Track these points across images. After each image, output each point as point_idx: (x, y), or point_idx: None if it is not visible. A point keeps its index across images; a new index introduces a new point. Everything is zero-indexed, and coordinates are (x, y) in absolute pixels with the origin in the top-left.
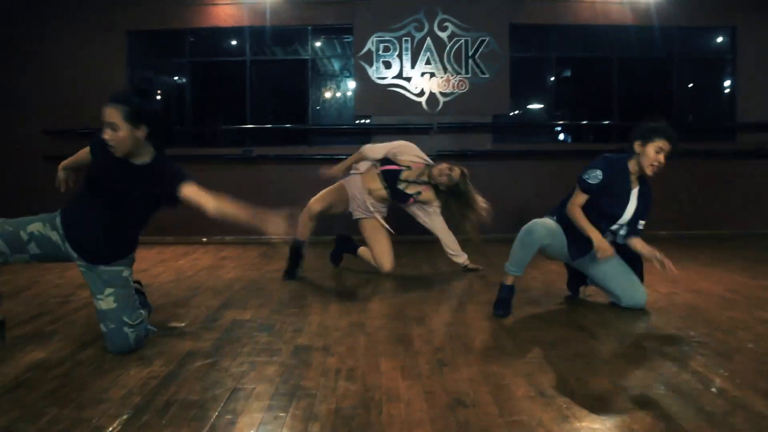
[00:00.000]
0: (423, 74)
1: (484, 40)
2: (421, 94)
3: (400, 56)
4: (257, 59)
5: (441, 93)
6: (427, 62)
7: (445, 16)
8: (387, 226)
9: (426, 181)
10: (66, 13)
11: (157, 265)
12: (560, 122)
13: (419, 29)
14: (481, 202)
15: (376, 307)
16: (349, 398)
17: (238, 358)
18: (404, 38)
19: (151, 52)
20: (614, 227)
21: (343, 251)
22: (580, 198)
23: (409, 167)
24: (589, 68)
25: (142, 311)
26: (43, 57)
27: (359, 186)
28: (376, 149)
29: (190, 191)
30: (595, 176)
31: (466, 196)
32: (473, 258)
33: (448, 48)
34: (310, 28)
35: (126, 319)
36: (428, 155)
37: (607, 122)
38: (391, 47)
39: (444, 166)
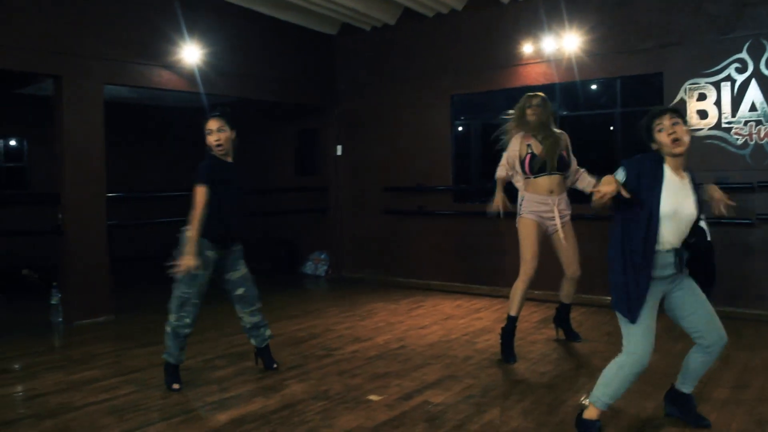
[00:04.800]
0: (746, 123)
1: None
2: (745, 146)
3: (717, 103)
4: (567, 115)
5: None
6: (752, 108)
7: None
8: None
9: (538, 131)
10: (403, 85)
11: (440, 322)
12: None
13: (742, 71)
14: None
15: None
16: None
17: None
18: (722, 83)
19: (469, 111)
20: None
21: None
22: None
23: (528, 146)
24: None
25: None
26: (386, 125)
27: (539, 198)
28: (502, 167)
29: None
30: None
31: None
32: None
33: None
34: (618, 80)
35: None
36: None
37: None
38: (708, 94)
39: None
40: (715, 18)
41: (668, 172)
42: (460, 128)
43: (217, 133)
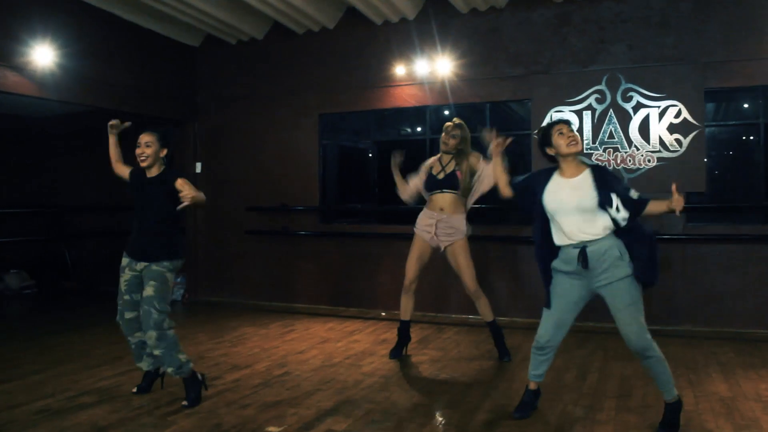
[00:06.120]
0: (606, 149)
1: (675, 109)
2: None
3: (580, 131)
4: (437, 137)
5: (625, 169)
6: (610, 136)
7: (630, 85)
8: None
9: (447, 156)
10: (269, 102)
11: (317, 346)
12: None
13: (601, 101)
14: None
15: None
16: None
17: None
18: (584, 111)
19: (339, 132)
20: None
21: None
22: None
23: (430, 167)
24: None
25: (169, 307)
26: (250, 143)
27: (429, 214)
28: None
29: (180, 182)
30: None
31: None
32: None
33: (633, 120)
34: (488, 104)
35: (155, 304)
36: None
37: None
38: (571, 121)
39: (443, 135)
40: (578, 51)
41: (557, 176)
42: (325, 148)
43: (143, 146)
